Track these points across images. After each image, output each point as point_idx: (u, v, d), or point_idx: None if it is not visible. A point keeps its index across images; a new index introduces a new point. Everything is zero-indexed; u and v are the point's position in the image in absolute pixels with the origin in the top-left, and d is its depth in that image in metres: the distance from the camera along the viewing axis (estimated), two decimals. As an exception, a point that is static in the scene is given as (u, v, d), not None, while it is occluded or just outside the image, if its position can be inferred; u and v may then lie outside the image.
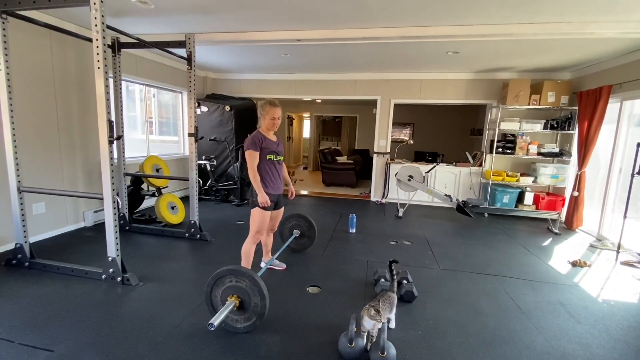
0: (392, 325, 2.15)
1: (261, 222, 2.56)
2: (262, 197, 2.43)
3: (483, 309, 2.47)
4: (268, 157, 2.50)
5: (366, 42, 3.78)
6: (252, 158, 2.43)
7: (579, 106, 4.69)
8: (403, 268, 3.08)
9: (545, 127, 5.16)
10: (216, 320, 1.83)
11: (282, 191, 2.70)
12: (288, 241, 3.23)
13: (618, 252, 3.53)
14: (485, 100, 5.64)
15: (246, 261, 2.59)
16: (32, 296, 2.41)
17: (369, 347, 1.88)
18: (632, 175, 3.37)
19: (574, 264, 3.38)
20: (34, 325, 2.07)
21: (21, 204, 2.78)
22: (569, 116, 5.01)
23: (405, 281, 2.64)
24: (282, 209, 2.82)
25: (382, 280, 2.65)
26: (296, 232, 3.36)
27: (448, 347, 2.00)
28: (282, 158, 2.64)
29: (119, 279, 2.62)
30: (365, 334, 1.90)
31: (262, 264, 3.07)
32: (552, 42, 3.65)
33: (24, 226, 2.82)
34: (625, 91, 3.97)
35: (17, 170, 2.72)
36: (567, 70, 5.04)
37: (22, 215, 2.80)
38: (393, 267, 2.24)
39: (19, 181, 2.74)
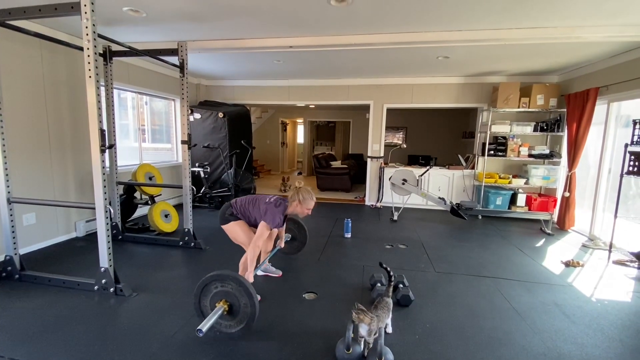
0: (389, 330, 2.15)
1: (245, 232, 2.57)
2: (250, 278, 2.34)
3: (479, 311, 2.48)
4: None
5: (358, 48, 3.82)
6: (264, 234, 2.40)
7: (567, 108, 4.78)
8: (399, 272, 3.08)
9: (535, 130, 5.24)
10: (204, 326, 1.81)
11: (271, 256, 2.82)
12: (277, 247, 3.11)
13: (610, 251, 3.58)
14: (476, 104, 5.72)
15: (244, 272, 2.55)
16: (23, 309, 2.35)
17: (366, 353, 1.87)
18: (621, 176, 3.44)
19: (567, 264, 3.41)
20: (25, 339, 2.02)
21: (11, 215, 2.73)
22: (558, 118, 5.10)
23: (401, 285, 2.64)
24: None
25: (379, 285, 2.65)
26: (287, 236, 3.32)
27: (445, 351, 2.00)
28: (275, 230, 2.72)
29: (111, 289, 2.58)
30: (362, 340, 1.89)
31: (258, 272, 3.04)
32: (539, 46, 3.73)
33: (13, 238, 2.76)
34: (612, 93, 4.05)
35: (7, 180, 2.67)
36: (555, 73, 5.15)
37: (12, 226, 2.75)
38: (390, 272, 2.24)
39: (9, 192, 2.70)
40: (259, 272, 3.04)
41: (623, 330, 2.26)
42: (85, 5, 2.19)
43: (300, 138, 12.80)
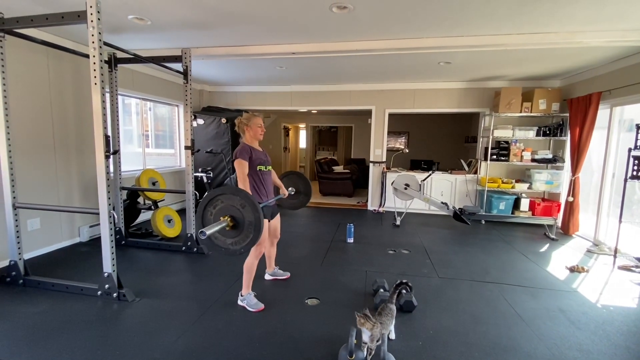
0: (392, 336, 2.14)
1: None
2: None
3: (483, 317, 2.46)
4: (259, 167, 2.52)
5: (359, 54, 3.84)
6: (243, 167, 2.42)
7: (570, 113, 4.77)
8: (402, 278, 3.06)
9: (537, 134, 5.24)
10: (208, 230, 1.78)
11: (274, 201, 2.70)
12: (278, 196, 2.91)
13: (615, 256, 3.54)
14: (478, 109, 5.73)
15: (248, 277, 2.53)
16: (27, 314, 2.36)
17: None
18: (625, 180, 3.42)
19: (572, 270, 3.38)
20: (28, 344, 2.03)
21: (16, 220, 2.76)
22: (561, 123, 5.10)
23: (404, 291, 2.63)
24: (278, 216, 2.82)
25: (381, 290, 2.64)
26: (291, 190, 3.16)
27: (449, 357, 1.98)
28: (270, 167, 2.68)
29: (115, 295, 2.58)
30: (366, 346, 1.88)
31: (266, 276, 3.04)
32: (541, 51, 3.73)
33: (18, 243, 2.78)
34: (614, 97, 4.05)
35: (13, 186, 2.70)
36: (557, 78, 5.15)
37: (17, 231, 2.77)
38: (408, 283, 2.25)
39: (14, 197, 2.72)
40: (267, 277, 3.03)
41: (629, 337, 2.24)
42: (91, 14, 2.23)
43: (303, 143, 12.83)
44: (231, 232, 1.97)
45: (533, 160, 5.26)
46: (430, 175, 5.62)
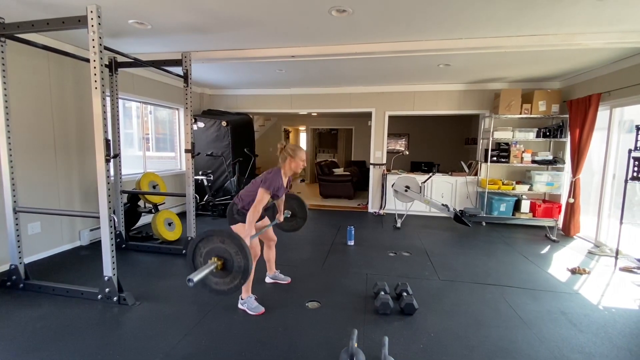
0: None
1: (250, 235, 2.51)
2: (250, 233, 2.33)
3: (484, 319, 2.45)
4: (270, 199, 2.49)
5: (359, 57, 3.86)
6: (264, 198, 2.36)
7: (569, 114, 4.77)
8: (403, 280, 3.07)
9: (538, 136, 5.24)
10: (195, 276, 1.72)
11: (270, 227, 2.70)
12: (274, 222, 2.93)
13: (616, 258, 3.53)
14: (477, 111, 5.73)
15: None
16: (27, 319, 2.36)
17: (370, 363, 1.85)
18: (626, 181, 3.41)
19: (574, 272, 3.37)
20: (29, 348, 2.03)
21: (16, 224, 2.76)
22: (561, 124, 5.10)
23: (405, 293, 2.62)
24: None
25: (382, 293, 2.63)
26: (287, 213, 3.15)
27: (450, 360, 1.98)
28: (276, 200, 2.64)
29: (115, 298, 2.58)
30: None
31: (267, 279, 3.04)
32: (540, 53, 3.74)
33: (19, 247, 2.78)
34: (614, 99, 4.05)
35: (13, 190, 2.71)
36: (556, 79, 5.16)
37: (18, 235, 2.77)
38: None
39: (15, 201, 2.73)
40: (268, 280, 3.03)
41: (631, 339, 2.23)
42: (92, 19, 2.24)
43: (303, 145, 12.84)
44: (219, 274, 1.93)
45: (533, 161, 5.25)
46: (430, 177, 5.62)
